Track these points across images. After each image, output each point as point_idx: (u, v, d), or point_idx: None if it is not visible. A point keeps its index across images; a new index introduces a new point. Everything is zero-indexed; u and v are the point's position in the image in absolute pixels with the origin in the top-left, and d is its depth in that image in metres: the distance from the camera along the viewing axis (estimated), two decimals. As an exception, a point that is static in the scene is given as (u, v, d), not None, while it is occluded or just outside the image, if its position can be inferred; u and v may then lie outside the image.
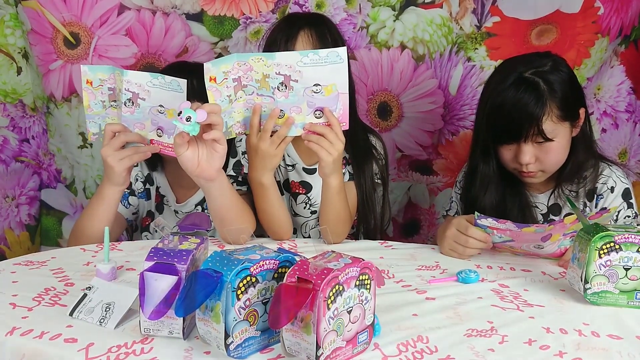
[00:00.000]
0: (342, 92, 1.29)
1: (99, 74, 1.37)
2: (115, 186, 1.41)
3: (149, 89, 1.30)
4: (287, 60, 1.27)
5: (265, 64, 1.27)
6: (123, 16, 1.82)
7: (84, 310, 1.00)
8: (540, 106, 1.38)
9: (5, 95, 1.88)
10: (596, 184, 1.49)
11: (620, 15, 1.88)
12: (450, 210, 1.67)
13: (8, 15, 1.82)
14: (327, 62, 1.26)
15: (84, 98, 1.39)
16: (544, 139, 1.40)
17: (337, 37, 1.54)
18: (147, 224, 1.69)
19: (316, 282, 0.82)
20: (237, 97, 1.32)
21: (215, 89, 1.28)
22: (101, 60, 1.84)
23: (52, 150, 2.00)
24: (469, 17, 1.88)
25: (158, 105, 1.33)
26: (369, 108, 1.97)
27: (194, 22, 1.85)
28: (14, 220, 1.96)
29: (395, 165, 2.03)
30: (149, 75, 1.29)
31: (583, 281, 1.09)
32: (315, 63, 1.26)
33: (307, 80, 1.28)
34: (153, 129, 1.35)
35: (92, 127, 1.41)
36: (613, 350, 0.94)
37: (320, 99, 1.30)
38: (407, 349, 0.93)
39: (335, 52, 1.25)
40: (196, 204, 1.69)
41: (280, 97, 1.29)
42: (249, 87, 1.31)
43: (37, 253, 1.35)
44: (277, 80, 1.28)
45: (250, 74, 1.29)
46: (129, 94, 1.32)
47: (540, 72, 1.41)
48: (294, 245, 1.44)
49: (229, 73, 1.28)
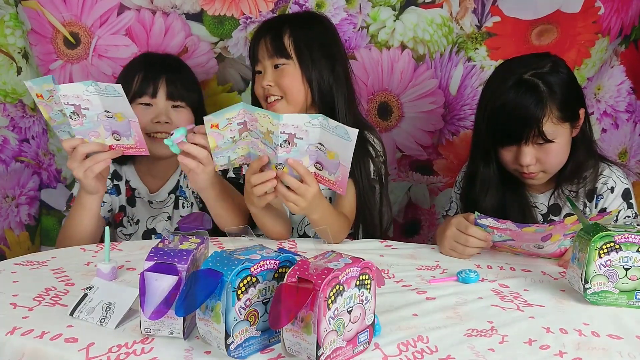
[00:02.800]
0: (344, 164, 1.25)
1: (44, 86, 1.33)
2: (90, 194, 1.44)
3: (88, 98, 1.28)
4: (295, 122, 1.22)
5: (270, 122, 1.22)
6: (123, 16, 1.82)
7: (84, 310, 1.00)
8: (541, 108, 1.38)
9: (5, 95, 1.88)
10: (596, 184, 1.49)
11: (620, 15, 1.88)
12: (450, 210, 1.67)
13: (8, 15, 1.82)
14: (335, 134, 1.21)
15: (42, 112, 1.38)
16: (545, 141, 1.40)
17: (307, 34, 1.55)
18: (121, 219, 1.71)
19: (316, 282, 0.82)
20: (241, 137, 1.30)
21: (217, 134, 1.27)
22: (101, 60, 1.84)
23: (52, 150, 2.00)
24: (469, 17, 1.88)
25: (104, 111, 1.32)
26: (369, 108, 1.97)
27: (194, 22, 1.84)
28: (14, 220, 1.96)
29: (395, 165, 2.02)
30: (82, 84, 1.27)
31: (583, 281, 1.09)
32: (323, 127, 1.22)
33: (312, 139, 1.25)
34: (108, 134, 1.35)
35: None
36: (613, 350, 0.94)
37: (323, 157, 1.28)
38: (408, 348, 0.93)
39: (344, 129, 1.19)
40: (169, 192, 1.71)
41: (282, 152, 1.25)
42: (254, 132, 1.28)
43: (37, 253, 1.35)
44: (281, 138, 1.23)
45: (255, 124, 1.26)
46: (70, 107, 1.31)
47: (540, 74, 1.41)
48: (294, 245, 1.44)
49: (234, 119, 1.26)
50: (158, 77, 1.60)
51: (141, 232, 1.71)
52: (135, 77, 1.60)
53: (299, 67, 1.53)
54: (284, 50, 1.53)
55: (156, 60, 1.69)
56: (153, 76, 1.60)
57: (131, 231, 1.71)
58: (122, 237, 1.71)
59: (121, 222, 1.71)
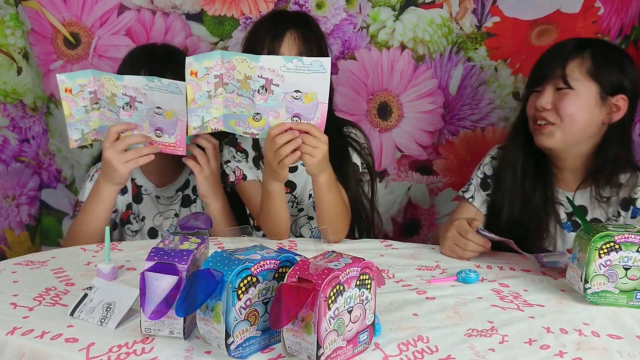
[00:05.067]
0: (322, 101, 1.29)
1: (78, 80, 1.37)
2: (115, 185, 1.43)
3: (145, 92, 1.31)
4: (271, 64, 1.26)
5: (248, 65, 1.27)
6: (123, 16, 1.82)
7: (84, 310, 1.00)
8: (574, 52, 1.40)
9: (5, 95, 1.88)
10: (635, 195, 1.42)
11: (620, 16, 1.88)
12: (467, 192, 1.61)
13: (8, 15, 1.82)
14: (310, 70, 1.25)
15: (65, 107, 1.39)
16: (564, 83, 1.39)
17: (320, 40, 1.56)
18: (128, 217, 1.71)
19: (317, 282, 0.82)
20: (216, 94, 1.32)
21: (195, 83, 1.29)
22: (101, 61, 1.84)
23: (52, 150, 2.00)
24: (469, 17, 1.88)
25: (155, 107, 1.33)
26: (369, 108, 1.97)
27: (194, 22, 1.85)
28: (14, 220, 1.96)
29: (395, 165, 2.02)
30: (145, 78, 1.31)
31: (583, 281, 1.10)
32: (298, 69, 1.26)
33: (288, 85, 1.28)
34: (151, 130, 1.36)
35: (73, 134, 1.40)
36: (613, 350, 0.94)
37: (300, 106, 1.30)
38: (408, 348, 0.93)
39: (319, 61, 1.25)
40: (177, 190, 1.72)
41: (260, 100, 1.29)
42: (230, 86, 1.31)
43: (37, 253, 1.35)
44: (258, 83, 1.27)
45: (232, 73, 1.29)
46: (126, 98, 1.33)
47: (598, 39, 1.45)
48: (294, 245, 1.44)
49: (212, 69, 1.29)
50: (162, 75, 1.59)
51: (147, 229, 1.71)
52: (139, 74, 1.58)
53: None
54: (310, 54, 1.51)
55: (157, 55, 1.67)
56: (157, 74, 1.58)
57: (137, 228, 1.72)
58: (130, 234, 1.71)
59: (128, 219, 1.71)
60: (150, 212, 1.71)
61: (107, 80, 1.33)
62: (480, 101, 1.94)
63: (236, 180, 1.60)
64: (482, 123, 1.96)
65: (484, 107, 1.95)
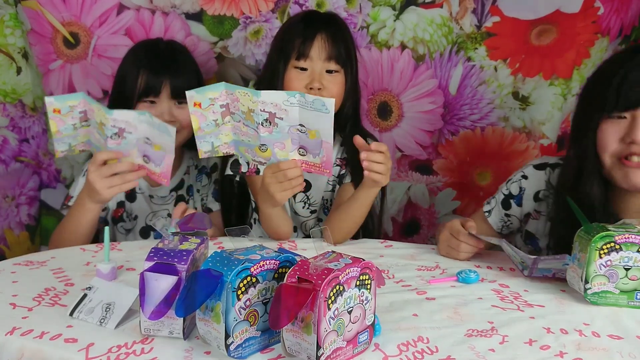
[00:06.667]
0: (326, 141, 1.25)
1: (68, 102, 1.38)
2: (97, 204, 1.45)
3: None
4: (273, 99, 1.23)
5: (250, 100, 1.24)
6: (122, 16, 1.81)
7: (84, 310, 1.00)
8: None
9: (5, 95, 1.87)
10: None
11: (620, 16, 1.88)
12: (488, 205, 1.54)
13: (8, 15, 1.82)
14: (313, 109, 1.22)
15: (52, 125, 1.41)
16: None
17: (349, 43, 1.57)
18: (120, 215, 1.72)
19: (317, 282, 0.82)
20: (224, 122, 1.32)
21: (199, 114, 1.29)
22: (101, 60, 1.84)
23: (52, 150, 2.00)
24: (469, 17, 1.87)
25: (145, 138, 1.35)
26: (369, 108, 1.97)
27: (194, 22, 1.84)
28: (14, 220, 1.95)
29: (395, 165, 2.02)
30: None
31: (583, 281, 1.09)
32: (301, 105, 1.22)
33: (293, 119, 1.25)
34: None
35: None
36: (613, 350, 0.94)
37: (305, 139, 1.28)
38: (408, 348, 0.93)
39: (321, 101, 1.20)
40: (171, 190, 1.73)
41: (264, 132, 1.27)
42: (237, 115, 1.30)
43: (37, 253, 1.35)
44: (261, 117, 1.25)
45: (237, 104, 1.28)
46: (115, 129, 1.35)
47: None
48: (294, 245, 1.44)
49: (216, 100, 1.28)
50: (162, 76, 1.60)
51: (139, 228, 1.72)
52: (139, 74, 1.59)
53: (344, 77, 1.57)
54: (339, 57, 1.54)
55: (158, 53, 1.66)
56: (157, 75, 1.59)
57: (130, 227, 1.72)
58: (123, 232, 1.71)
59: (121, 217, 1.72)
60: (144, 211, 1.72)
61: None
62: (480, 101, 1.95)
63: (248, 171, 1.59)
64: (481, 123, 1.96)
65: (483, 106, 1.95)
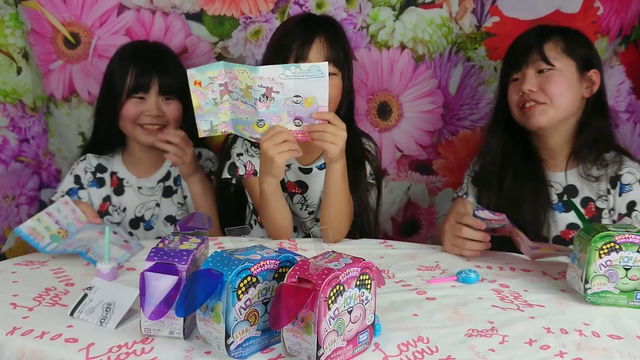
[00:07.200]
0: (322, 105, 1.32)
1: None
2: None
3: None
4: (270, 74, 1.29)
5: (248, 76, 1.29)
6: (123, 16, 1.81)
7: (84, 310, 1.00)
8: (547, 34, 1.49)
9: (5, 95, 1.87)
10: (620, 172, 1.49)
11: (620, 16, 1.88)
12: (460, 191, 1.67)
13: (8, 15, 1.82)
14: (308, 76, 1.28)
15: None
16: (546, 64, 1.46)
17: (346, 45, 1.57)
18: (106, 209, 1.75)
19: (317, 282, 0.82)
20: (223, 100, 1.35)
21: (199, 92, 1.33)
22: (101, 60, 1.83)
23: (52, 150, 2.00)
24: (468, 17, 1.88)
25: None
26: (369, 108, 1.97)
27: (194, 22, 1.84)
28: (14, 220, 1.95)
29: (395, 164, 2.02)
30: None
31: (583, 281, 1.10)
32: (297, 76, 1.28)
33: (288, 91, 1.30)
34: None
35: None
36: (613, 350, 0.94)
37: (300, 110, 1.33)
38: (408, 348, 0.93)
39: (317, 66, 1.27)
40: (159, 181, 1.76)
41: (262, 107, 1.32)
42: (234, 94, 1.33)
43: (37, 253, 1.35)
44: (259, 92, 1.30)
45: (235, 82, 1.31)
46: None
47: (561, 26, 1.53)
48: (294, 245, 1.44)
49: (215, 78, 1.32)
50: (151, 73, 1.64)
51: (128, 220, 1.74)
52: (128, 72, 1.63)
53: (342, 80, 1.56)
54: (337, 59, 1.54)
55: (147, 53, 1.70)
56: (146, 72, 1.64)
57: (118, 219, 1.74)
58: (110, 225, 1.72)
59: (107, 211, 1.74)
60: (132, 203, 1.75)
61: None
62: (480, 101, 1.95)
63: (246, 174, 1.60)
64: (481, 123, 1.96)
65: (483, 106, 1.95)
